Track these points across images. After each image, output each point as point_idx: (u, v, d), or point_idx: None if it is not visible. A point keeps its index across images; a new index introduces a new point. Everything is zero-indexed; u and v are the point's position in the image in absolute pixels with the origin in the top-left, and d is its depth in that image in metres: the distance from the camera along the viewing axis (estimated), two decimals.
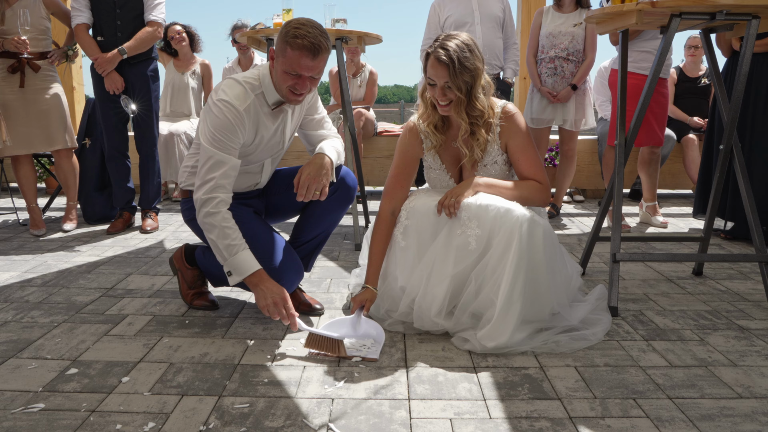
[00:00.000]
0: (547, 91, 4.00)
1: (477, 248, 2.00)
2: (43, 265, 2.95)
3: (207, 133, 2.03)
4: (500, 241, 1.96)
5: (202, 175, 2.02)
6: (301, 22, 1.99)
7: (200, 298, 2.37)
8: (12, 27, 3.43)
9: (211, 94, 2.09)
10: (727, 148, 2.52)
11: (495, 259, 1.97)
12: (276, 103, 2.13)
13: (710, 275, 2.86)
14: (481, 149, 2.13)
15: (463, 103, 2.05)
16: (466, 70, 2.00)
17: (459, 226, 2.02)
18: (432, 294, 2.03)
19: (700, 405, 1.63)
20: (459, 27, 3.75)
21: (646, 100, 2.44)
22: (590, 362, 1.89)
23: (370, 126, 5.20)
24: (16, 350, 1.95)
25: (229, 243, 1.99)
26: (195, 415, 1.56)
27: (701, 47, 4.83)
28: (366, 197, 3.91)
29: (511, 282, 1.93)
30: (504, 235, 1.96)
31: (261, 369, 1.84)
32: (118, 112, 3.65)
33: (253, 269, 2.00)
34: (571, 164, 4.25)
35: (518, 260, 1.93)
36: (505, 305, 1.93)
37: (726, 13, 2.22)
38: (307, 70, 2.00)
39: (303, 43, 1.95)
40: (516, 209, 1.99)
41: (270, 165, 2.31)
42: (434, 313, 2.04)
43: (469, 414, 1.58)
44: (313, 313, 2.31)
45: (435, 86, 2.05)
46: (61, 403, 1.61)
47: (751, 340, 2.09)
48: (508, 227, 1.95)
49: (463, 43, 2.02)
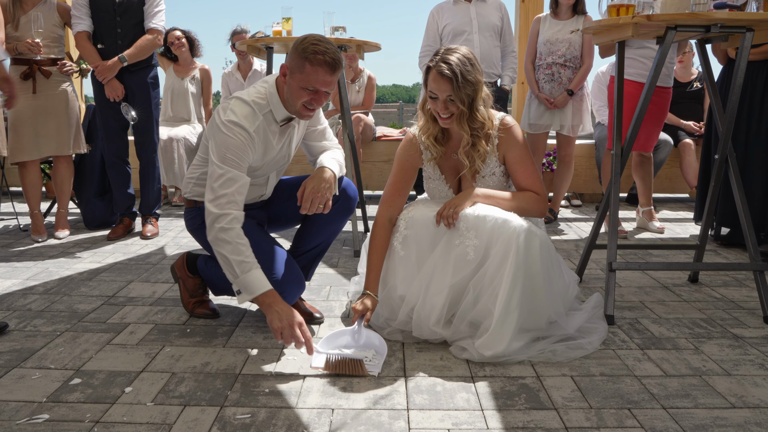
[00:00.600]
0: (544, 97, 4.04)
1: (475, 258, 2.03)
2: (44, 272, 2.98)
3: (217, 152, 2.02)
4: (498, 251, 1.99)
5: (214, 190, 2.00)
6: (318, 39, 2.02)
7: (201, 306, 2.39)
8: (26, 33, 3.47)
9: (217, 110, 2.09)
10: (722, 158, 2.55)
11: (493, 269, 2.00)
12: (284, 120, 2.15)
13: (706, 282, 2.89)
14: (482, 160, 2.16)
15: (465, 115, 2.08)
16: (469, 84, 2.04)
17: (457, 236, 2.05)
18: (431, 303, 2.06)
19: (693, 415, 1.66)
20: (457, 36, 3.79)
21: (643, 109, 2.47)
22: (586, 371, 1.92)
23: (369, 131, 5.23)
24: (20, 360, 1.98)
25: (242, 260, 1.96)
26: (197, 426, 1.59)
27: (689, 52, 4.87)
28: (365, 202, 3.94)
29: (509, 292, 1.96)
30: (502, 245, 1.98)
31: (262, 378, 1.86)
32: (118, 118, 3.67)
33: (265, 288, 1.96)
34: (569, 169, 4.28)
35: (515, 270, 1.96)
36: (502, 315, 1.96)
37: (720, 26, 2.25)
38: (325, 85, 2.02)
39: (324, 59, 1.98)
40: (513, 220, 2.02)
41: (275, 177, 2.34)
42: (433, 322, 2.06)
43: (466, 424, 1.61)
44: (313, 322, 2.34)
45: (437, 99, 2.08)
46: (65, 414, 1.64)
47: (745, 348, 2.12)
48: (505, 238, 1.98)
49: (464, 56, 2.06)
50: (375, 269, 2.17)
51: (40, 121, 3.54)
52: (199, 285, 2.41)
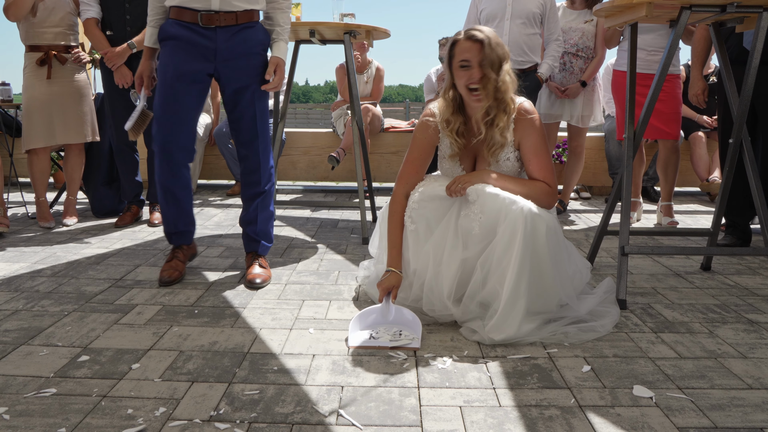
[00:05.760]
0: (555, 86, 4.00)
1: (480, 234, 2.03)
2: (52, 257, 2.97)
3: None
4: (505, 231, 1.97)
5: None
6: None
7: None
8: (43, 20, 3.47)
9: None
10: (737, 142, 2.51)
11: (500, 250, 1.98)
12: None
13: (719, 270, 2.86)
14: (500, 134, 2.13)
15: (494, 81, 2.07)
16: (499, 47, 2.08)
17: (464, 208, 2.07)
18: (443, 274, 2.06)
19: (710, 395, 1.63)
20: (489, 21, 3.72)
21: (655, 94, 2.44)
22: (599, 353, 1.89)
23: (377, 122, 5.20)
24: (27, 337, 1.97)
25: None
26: (205, 401, 1.57)
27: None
28: (373, 193, 3.92)
29: (517, 275, 1.93)
30: (509, 225, 1.97)
31: (270, 357, 1.84)
32: (127, 105, 3.65)
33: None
34: (579, 161, 4.25)
35: (523, 252, 1.94)
36: (511, 298, 1.94)
37: (737, 5, 2.21)
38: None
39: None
40: (520, 201, 2.01)
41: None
42: (446, 294, 2.06)
43: (478, 402, 1.58)
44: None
45: (469, 67, 2.08)
46: (72, 389, 1.62)
47: (761, 333, 2.08)
48: (512, 218, 1.97)
49: (489, 32, 2.11)
50: (396, 246, 2.17)
51: (55, 108, 3.54)
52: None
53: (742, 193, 3.08)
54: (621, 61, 3.81)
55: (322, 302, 2.35)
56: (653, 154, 4.79)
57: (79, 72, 3.63)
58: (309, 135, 5.44)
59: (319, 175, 5.42)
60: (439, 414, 1.52)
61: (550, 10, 3.78)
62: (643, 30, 3.58)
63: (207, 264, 2.86)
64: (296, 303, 2.34)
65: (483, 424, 1.48)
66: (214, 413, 1.51)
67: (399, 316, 2.06)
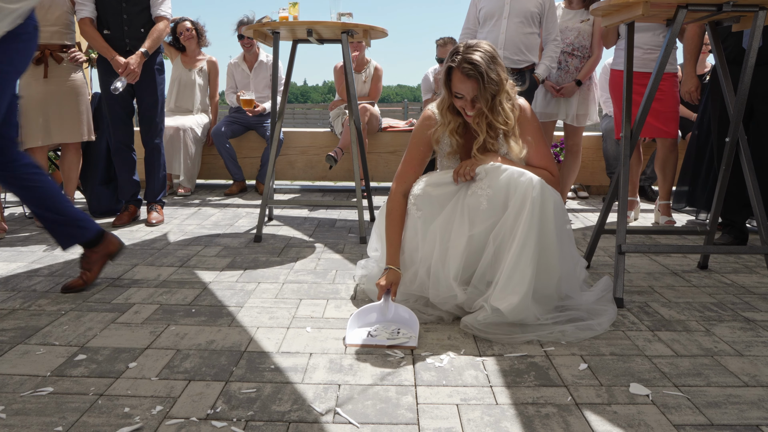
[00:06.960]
0: (550, 84, 4.01)
1: (488, 209, 2.04)
2: (49, 256, 2.97)
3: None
4: (515, 202, 2.00)
5: None
6: None
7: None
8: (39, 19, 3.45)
9: None
10: (733, 141, 2.52)
11: (511, 221, 2.00)
12: None
13: (715, 269, 2.86)
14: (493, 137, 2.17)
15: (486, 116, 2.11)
16: (493, 82, 2.07)
17: (471, 187, 2.08)
18: (449, 254, 2.07)
19: (706, 393, 1.63)
20: (487, 19, 3.71)
21: (652, 92, 2.44)
22: (596, 351, 1.90)
23: (375, 122, 5.20)
24: (24, 337, 1.96)
25: None
26: (202, 400, 1.57)
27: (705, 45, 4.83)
28: (371, 192, 3.92)
29: (525, 236, 1.95)
30: (519, 196, 1.99)
31: (267, 356, 1.84)
32: (124, 105, 3.66)
33: None
34: (576, 159, 4.25)
35: (530, 219, 1.95)
36: (514, 262, 1.94)
37: (732, 4, 2.22)
38: None
39: None
40: (528, 173, 2.03)
41: None
42: (453, 275, 2.06)
43: (475, 400, 1.58)
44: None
45: (463, 98, 2.10)
46: (69, 387, 1.62)
47: (757, 331, 2.09)
48: (522, 189, 1.99)
49: (485, 53, 2.07)
50: (394, 244, 2.18)
51: (52, 107, 3.53)
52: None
53: (738, 192, 3.09)
54: (618, 60, 3.83)
55: (319, 301, 2.35)
56: (651, 153, 4.80)
57: (75, 71, 3.63)
58: (307, 135, 5.44)
59: (317, 175, 5.42)
60: (436, 412, 1.52)
61: (549, 10, 3.77)
62: (640, 29, 3.59)
63: (204, 263, 2.86)
64: (293, 302, 2.34)
65: (480, 422, 1.48)
66: (211, 411, 1.51)
67: (397, 314, 2.06)
